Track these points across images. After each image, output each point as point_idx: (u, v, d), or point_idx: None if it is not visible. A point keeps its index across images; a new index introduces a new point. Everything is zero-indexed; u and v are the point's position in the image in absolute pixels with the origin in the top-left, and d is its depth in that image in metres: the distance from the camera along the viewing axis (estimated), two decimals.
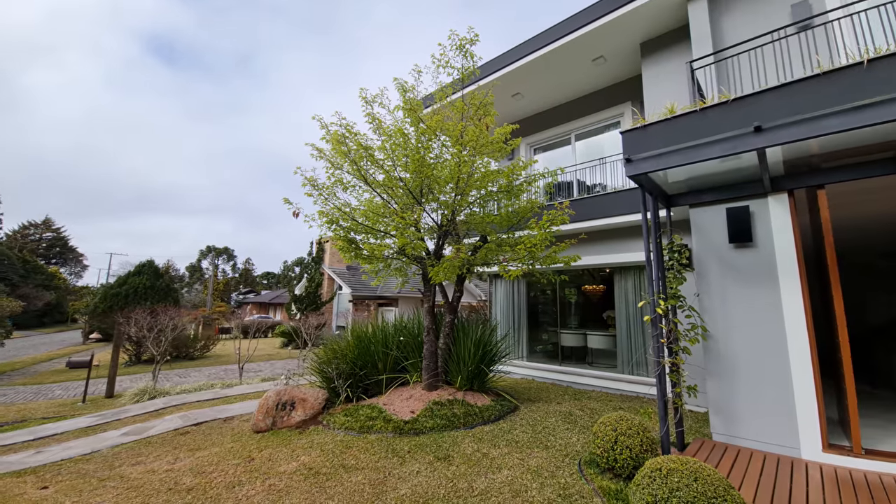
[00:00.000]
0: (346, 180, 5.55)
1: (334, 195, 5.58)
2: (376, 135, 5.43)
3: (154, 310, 9.48)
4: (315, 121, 5.28)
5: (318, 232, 5.85)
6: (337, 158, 5.37)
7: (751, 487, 3.08)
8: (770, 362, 4.10)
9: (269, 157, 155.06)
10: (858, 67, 3.29)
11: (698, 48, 5.91)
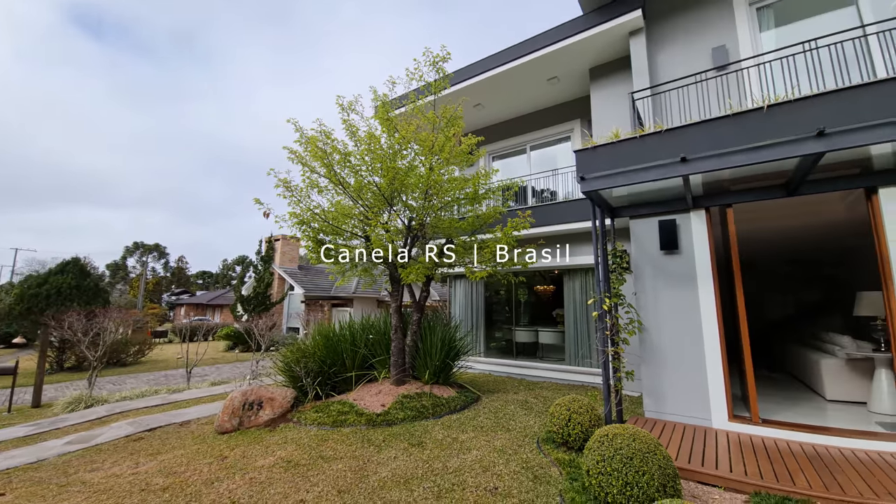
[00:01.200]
0: (322, 184, 5.68)
1: (308, 197, 5.69)
2: (352, 141, 5.63)
3: (92, 312, 8.77)
4: (290, 124, 5.37)
5: (289, 232, 5.90)
6: (313, 162, 5.50)
7: (674, 448, 3.78)
8: (690, 350, 4.92)
9: (211, 147, 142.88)
10: (760, 112, 4.14)
11: (638, 79, 6.77)
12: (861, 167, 4.04)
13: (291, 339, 18.18)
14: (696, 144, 4.23)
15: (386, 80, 5.47)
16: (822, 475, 3.24)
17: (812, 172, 4.06)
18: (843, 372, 5.42)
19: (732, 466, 3.44)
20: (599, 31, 7.30)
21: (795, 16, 6.24)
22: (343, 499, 3.27)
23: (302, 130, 5.47)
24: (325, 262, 6.67)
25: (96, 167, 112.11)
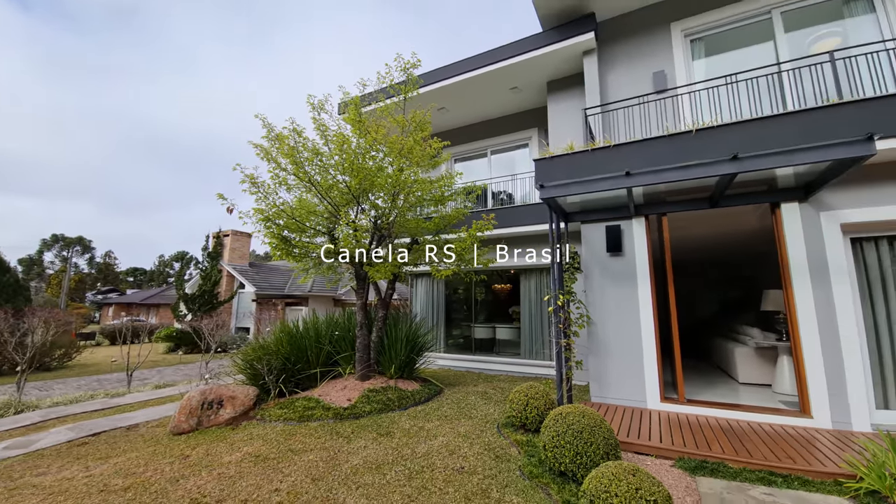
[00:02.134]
0: (291, 182, 5.68)
1: (276, 193, 5.66)
2: (322, 139, 5.68)
3: (20, 311, 7.97)
4: (258, 119, 5.33)
5: (252, 229, 5.83)
6: (281, 158, 5.49)
7: (615, 425, 4.31)
8: (629, 342, 5.53)
9: (148, 132, 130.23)
10: (690, 134, 4.80)
11: (590, 95, 7.40)
12: (768, 185, 4.82)
13: (241, 339, 17.45)
14: (638, 160, 4.82)
15: (357, 81, 5.57)
16: (733, 443, 3.88)
17: (729, 188, 4.78)
18: (752, 359, 6.35)
19: (662, 438, 4.01)
20: (556, 49, 7.86)
21: (723, 47, 7.14)
22: (318, 486, 3.41)
23: (270, 127, 5.44)
24: (290, 260, 6.64)
25: (5, 148, 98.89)
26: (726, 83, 5.58)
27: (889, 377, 4.38)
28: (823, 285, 4.54)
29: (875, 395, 4.38)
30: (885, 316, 4.46)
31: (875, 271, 4.56)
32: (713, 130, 4.65)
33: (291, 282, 21.33)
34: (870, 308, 4.53)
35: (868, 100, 4.17)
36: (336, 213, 6.47)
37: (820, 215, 4.66)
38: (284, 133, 5.43)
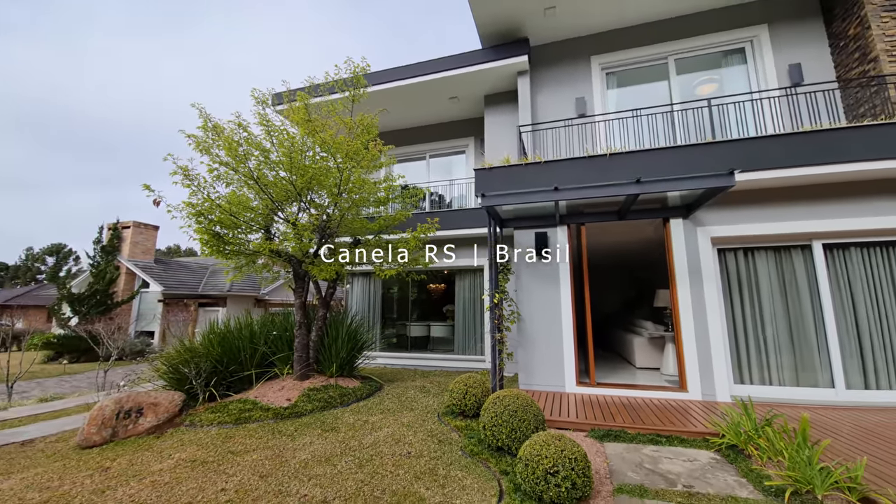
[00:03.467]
0: (232, 177, 5.44)
1: (213, 187, 5.38)
2: (267, 136, 5.53)
3: None
4: (195, 109, 5.03)
5: (182, 223, 5.46)
6: (218, 151, 5.24)
7: (541, 405, 4.94)
8: (552, 335, 6.28)
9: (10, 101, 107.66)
10: (605, 157, 5.64)
11: (523, 113, 8.15)
12: (661, 204, 5.87)
13: (143, 344, 15.64)
14: (564, 176, 5.55)
15: (305, 79, 5.54)
16: (631, 415, 4.72)
17: (634, 205, 5.73)
18: (646, 347, 7.57)
19: (577, 415, 4.73)
20: (493, 67, 8.50)
21: (631, 81, 8.36)
22: (267, 482, 3.46)
23: (208, 117, 5.17)
24: (219, 257, 6.32)
25: None
26: (633, 116, 6.62)
27: (743, 359, 5.62)
28: (697, 286, 5.67)
29: (733, 373, 5.59)
30: (740, 311, 5.73)
31: (734, 275, 5.82)
32: (622, 156, 5.55)
33: (206, 280, 19.58)
34: (729, 304, 5.76)
35: (732, 141, 5.34)
36: (275, 210, 6.32)
37: (696, 230, 5.80)
38: (224, 125, 5.20)
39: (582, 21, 8.08)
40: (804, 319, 5.43)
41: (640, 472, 3.30)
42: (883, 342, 5.16)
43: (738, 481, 3.13)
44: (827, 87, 6.75)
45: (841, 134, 4.98)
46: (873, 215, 5.18)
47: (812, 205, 5.38)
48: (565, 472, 2.73)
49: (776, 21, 7.38)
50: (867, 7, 6.30)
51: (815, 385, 5.24)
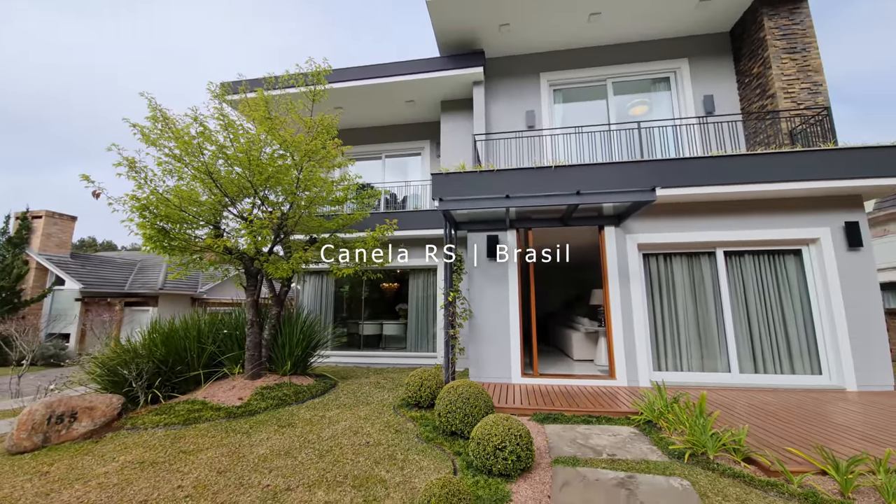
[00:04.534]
0: (182, 170, 5.25)
1: (162, 181, 5.17)
2: (224, 131, 5.41)
3: None
4: (144, 98, 4.82)
5: (123, 217, 5.18)
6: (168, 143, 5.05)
7: (490, 394, 5.38)
8: (501, 331, 6.77)
9: None
10: (550, 168, 6.21)
11: (477, 121, 8.61)
12: (598, 213, 6.57)
13: (56, 347, 14.14)
14: (515, 184, 6.04)
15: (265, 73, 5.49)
16: (568, 400, 5.30)
17: (575, 213, 6.37)
18: (583, 341, 8.36)
19: (522, 402, 5.22)
20: (450, 75, 8.88)
21: (575, 98, 9.14)
22: (226, 477, 3.51)
23: (157, 108, 4.97)
24: (161, 253, 6.06)
25: None
26: (575, 132, 7.31)
27: (661, 349, 6.48)
28: (626, 286, 6.44)
29: (652, 362, 6.42)
30: (660, 308, 6.59)
31: (655, 277, 6.67)
32: (566, 168, 6.16)
33: (134, 277, 18.01)
34: (651, 302, 6.61)
35: (656, 160, 6.14)
36: (227, 206, 6.18)
37: (626, 237, 6.58)
38: (176, 117, 5.03)
39: (533, 39, 8.71)
40: (709, 314, 6.40)
41: (573, 446, 3.82)
42: (769, 334, 6.24)
43: (651, 448, 3.74)
44: (732, 119, 7.91)
45: (740, 160, 5.95)
46: (763, 228, 6.23)
47: (717, 218, 6.34)
48: (511, 447, 3.13)
49: (695, 56, 8.49)
50: (770, 49, 7.47)
51: (716, 370, 6.21)
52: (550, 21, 8.16)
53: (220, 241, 5.46)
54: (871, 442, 3.60)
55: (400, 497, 3.03)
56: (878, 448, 3.40)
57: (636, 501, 2.77)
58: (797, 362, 6.08)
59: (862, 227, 5.98)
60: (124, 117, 5.00)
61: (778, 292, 6.35)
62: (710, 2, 7.68)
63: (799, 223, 6.14)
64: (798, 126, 6.96)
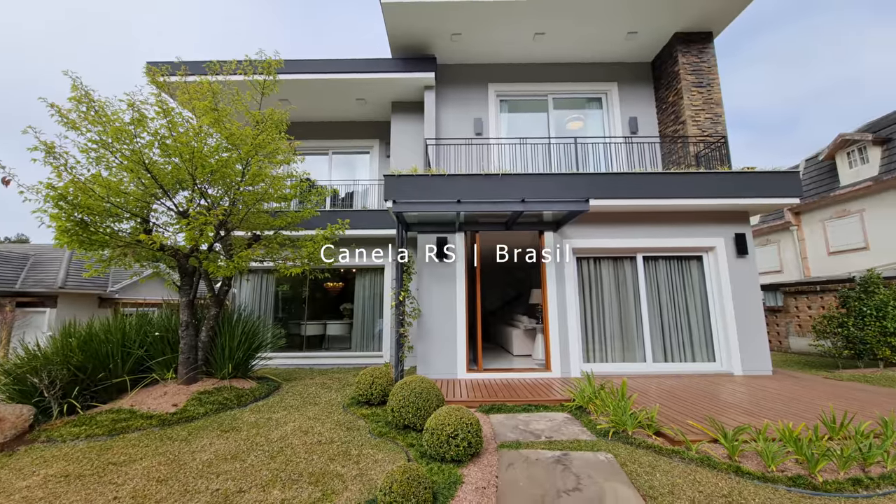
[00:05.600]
0: (110, 159, 4.78)
1: (87, 169, 4.68)
2: (165, 121, 5.02)
3: None
4: (68, 77, 4.34)
5: (34, 208, 4.61)
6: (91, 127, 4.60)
7: None
8: (448, 329, 7.06)
9: None
10: (498, 176, 6.62)
11: (428, 125, 8.83)
12: (539, 219, 7.13)
13: None
14: (465, 189, 6.36)
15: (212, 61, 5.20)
16: (509, 392, 5.73)
17: (519, 218, 6.86)
18: (522, 337, 8.96)
19: (468, 395, 5.55)
20: (402, 77, 9.00)
21: (520, 109, 9.73)
22: (168, 485, 3.36)
23: (82, 89, 4.50)
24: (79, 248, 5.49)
25: None
26: (520, 143, 7.84)
27: (590, 343, 7.20)
28: (562, 286, 7.07)
29: (583, 354, 7.12)
30: (590, 306, 7.32)
31: (587, 278, 7.40)
32: (512, 177, 6.61)
33: (27, 273, 15.64)
34: (582, 301, 7.32)
35: (589, 174, 6.83)
36: (160, 198, 5.76)
37: (563, 241, 7.22)
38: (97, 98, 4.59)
39: (483, 51, 9.14)
40: (629, 312, 7.25)
41: (516, 432, 4.20)
42: (676, 328, 7.23)
43: (581, 430, 4.25)
44: (651, 140, 8.98)
45: (657, 177, 6.83)
46: (674, 237, 7.20)
47: (638, 227, 7.21)
48: (463, 434, 3.40)
49: (623, 81, 9.50)
50: (682, 82, 8.60)
51: (635, 360, 7.07)
52: (499, 36, 8.64)
53: (156, 238, 5.09)
54: (752, 416, 4.42)
55: (358, 488, 3.16)
56: (758, 420, 4.19)
57: (570, 474, 3.19)
58: (697, 352, 7.14)
59: (748, 238, 7.19)
60: (41, 97, 4.46)
61: (684, 292, 7.39)
62: (637, 35, 8.66)
63: (701, 234, 7.21)
64: (702, 150, 8.13)
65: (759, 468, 3.22)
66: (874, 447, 3.27)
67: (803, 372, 7.49)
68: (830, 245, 14.16)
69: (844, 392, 5.54)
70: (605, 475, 3.17)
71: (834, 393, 5.48)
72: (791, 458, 3.37)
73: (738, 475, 3.16)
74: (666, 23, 8.37)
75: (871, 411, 4.45)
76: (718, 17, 8.32)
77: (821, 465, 3.11)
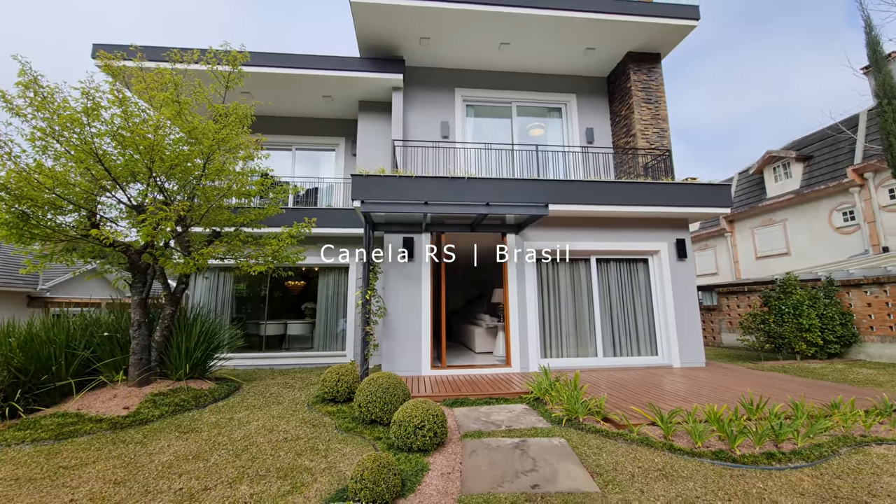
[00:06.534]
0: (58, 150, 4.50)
1: (34, 159, 4.38)
2: (120, 110, 4.78)
3: None
4: (17, 61, 4.05)
5: None
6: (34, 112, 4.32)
7: None
8: (413, 328, 7.22)
9: None
10: (464, 179, 6.87)
11: (395, 126, 8.93)
12: (502, 221, 7.47)
13: None
14: (432, 191, 6.55)
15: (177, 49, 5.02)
16: (471, 386, 5.99)
17: (484, 221, 7.15)
18: (484, 335, 9.29)
19: (432, 390, 5.75)
20: (370, 77, 9.05)
21: (485, 114, 10.06)
22: (127, 487, 3.28)
23: (31, 74, 4.21)
24: (16, 243, 5.13)
25: None
26: (485, 148, 8.15)
27: (547, 339, 7.63)
28: (522, 286, 7.45)
29: (541, 350, 7.54)
30: (548, 305, 7.75)
31: (545, 279, 7.84)
32: (477, 180, 6.88)
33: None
34: (541, 300, 7.74)
35: (549, 180, 7.25)
36: (109, 190, 5.48)
37: (524, 243, 7.61)
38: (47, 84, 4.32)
39: (450, 56, 9.37)
40: (583, 310, 7.77)
41: (478, 423, 4.45)
42: (625, 325, 7.83)
43: (538, 419, 4.58)
44: (606, 150, 9.63)
45: (610, 185, 7.37)
46: (624, 241, 7.80)
47: (592, 231, 7.74)
48: (430, 425, 3.59)
49: (581, 93, 10.09)
50: (634, 98, 9.28)
51: (587, 355, 7.59)
52: (467, 43, 8.91)
53: (107, 233, 4.85)
54: (686, 401, 4.95)
55: (328, 480, 3.26)
56: (690, 405, 4.71)
57: (527, 458, 3.47)
58: (642, 346, 7.78)
59: (687, 243, 7.93)
60: None
61: (631, 293, 8.02)
62: (595, 51, 9.26)
63: (647, 238, 7.86)
64: (650, 161, 8.84)
65: (688, 445, 3.67)
66: (785, 426, 3.82)
67: (732, 364, 8.37)
68: (758, 250, 15.73)
69: (764, 380, 6.30)
70: (559, 457, 3.48)
71: (755, 381, 6.22)
72: (715, 435, 3.86)
73: (671, 452, 3.59)
74: (620, 42, 9.02)
75: (785, 396, 5.13)
76: (665, 41, 9.08)
77: (739, 441, 3.59)
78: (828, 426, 3.91)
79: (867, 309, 8.81)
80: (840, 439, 3.77)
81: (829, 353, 8.90)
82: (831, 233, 13.24)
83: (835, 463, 3.40)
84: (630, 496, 2.89)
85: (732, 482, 3.08)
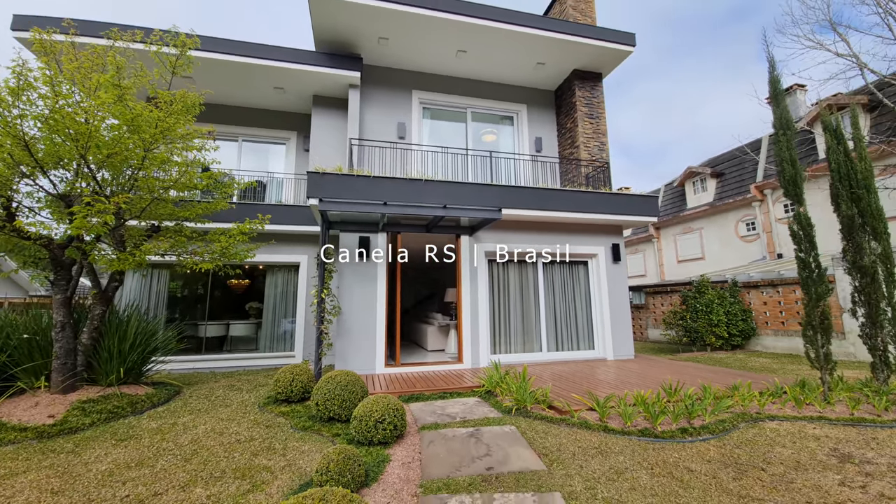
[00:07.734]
0: None
1: None
2: (45, 90, 4.32)
3: None
4: None
5: None
6: None
7: None
8: (368, 326, 7.26)
9: None
10: (421, 181, 7.04)
11: (352, 124, 8.87)
12: (456, 223, 7.75)
13: None
14: (389, 192, 6.66)
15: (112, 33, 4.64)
16: (426, 382, 6.19)
17: (440, 222, 7.38)
18: (437, 334, 9.54)
19: (388, 387, 5.88)
20: (326, 73, 8.91)
21: (441, 118, 10.30)
22: (67, 496, 3.06)
23: None
24: None
25: None
26: (441, 151, 8.39)
27: (497, 336, 8.04)
28: (474, 286, 7.80)
29: (491, 346, 7.93)
30: (498, 303, 8.17)
31: (496, 279, 8.25)
32: (434, 183, 7.10)
33: None
34: (492, 299, 8.14)
35: (502, 186, 7.65)
36: (27, 176, 4.96)
37: (476, 245, 7.96)
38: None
39: (409, 58, 9.50)
40: (530, 309, 8.30)
41: (434, 416, 4.67)
42: (567, 322, 8.48)
43: (490, 410, 4.90)
44: (552, 160, 10.31)
45: (556, 192, 7.95)
46: (568, 244, 8.44)
47: (539, 235, 8.29)
48: (390, 419, 3.74)
49: (532, 105, 10.70)
50: (578, 112, 10.01)
51: (533, 350, 8.12)
52: (425, 47, 9.09)
53: (41, 226, 4.40)
54: (618, 389, 5.54)
55: (289, 477, 3.29)
56: (622, 391, 5.30)
57: (481, 444, 3.75)
58: (581, 342, 8.48)
59: (621, 248, 8.76)
60: None
61: (573, 292, 8.70)
62: (545, 66, 9.88)
63: (588, 242, 8.58)
64: (591, 172, 9.63)
65: (620, 426, 4.17)
66: (696, 406, 4.46)
67: (656, 356, 9.38)
68: (679, 255, 17.60)
69: (681, 369, 7.19)
70: (510, 442, 3.80)
71: (674, 370, 7.08)
72: (641, 416, 4.42)
73: (606, 432, 4.06)
74: (567, 60, 9.71)
75: (697, 381, 5.93)
76: (606, 62, 9.93)
77: (660, 420, 4.16)
78: (729, 405, 4.63)
79: (764, 307, 10.31)
80: (740, 416, 4.49)
81: (733, 345, 10.30)
82: (737, 241, 15.23)
83: (735, 435, 4.06)
84: (571, 471, 3.27)
85: (654, 454, 3.59)
